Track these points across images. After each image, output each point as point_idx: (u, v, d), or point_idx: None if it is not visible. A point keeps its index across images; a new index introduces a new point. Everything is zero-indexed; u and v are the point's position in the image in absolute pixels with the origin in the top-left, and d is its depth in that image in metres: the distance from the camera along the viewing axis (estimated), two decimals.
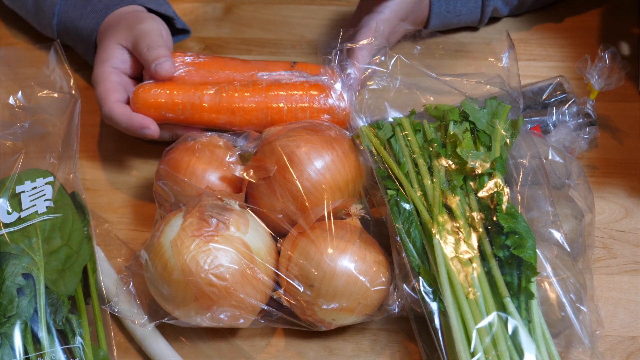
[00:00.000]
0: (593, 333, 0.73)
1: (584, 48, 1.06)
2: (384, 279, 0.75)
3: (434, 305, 0.71)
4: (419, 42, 0.89)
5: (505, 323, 0.69)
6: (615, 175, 0.92)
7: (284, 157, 0.78)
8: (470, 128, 0.80)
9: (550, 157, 0.82)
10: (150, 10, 1.01)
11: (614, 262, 0.84)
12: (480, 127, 0.80)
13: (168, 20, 1.02)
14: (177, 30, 1.05)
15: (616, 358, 0.76)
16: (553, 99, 0.92)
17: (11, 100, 0.95)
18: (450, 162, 0.77)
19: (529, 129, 0.89)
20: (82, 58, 1.03)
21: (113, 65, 0.93)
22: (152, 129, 0.89)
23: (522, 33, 1.09)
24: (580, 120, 0.90)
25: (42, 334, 0.74)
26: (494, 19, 1.09)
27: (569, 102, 0.90)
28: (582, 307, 0.72)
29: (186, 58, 0.94)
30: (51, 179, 0.84)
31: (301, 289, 0.74)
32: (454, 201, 0.75)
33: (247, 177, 0.81)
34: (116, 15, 0.99)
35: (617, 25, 1.09)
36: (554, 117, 0.90)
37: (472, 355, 0.68)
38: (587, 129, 0.88)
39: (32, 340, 0.73)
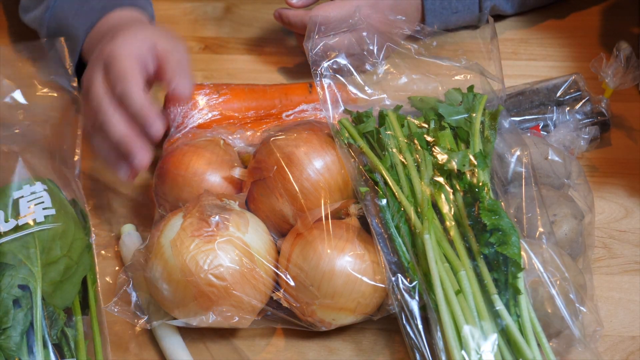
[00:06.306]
0: (593, 333, 0.73)
1: (584, 48, 1.05)
2: (383, 278, 0.75)
3: (413, 304, 0.71)
4: (417, 41, 0.89)
5: (494, 319, 0.69)
6: (615, 175, 0.92)
7: (284, 157, 0.78)
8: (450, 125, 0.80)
9: (550, 157, 0.82)
10: None
11: (614, 262, 0.84)
12: (456, 125, 0.79)
13: None
14: None
15: (616, 358, 0.76)
16: (567, 97, 0.92)
17: (10, 100, 0.95)
18: (434, 158, 0.77)
19: (530, 129, 0.89)
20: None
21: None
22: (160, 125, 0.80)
23: (522, 32, 1.09)
24: (594, 119, 0.90)
25: (38, 348, 0.72)
26: (496, 19, 1.09)
27: (584, 100, 0.90)
28: (581, 307, 0.72)
29: (209, 102, 0.93)
30: (50, 184, 0.83)
31: (301, 289, 0.74)
32: (440, 198, 0.74)
33: (246, 179, 0.81)
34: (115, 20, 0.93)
35: (617, 25, 1.09)
36: (555, 116, 0.90)
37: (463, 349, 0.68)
38: (587, 129, 0.88)
39: (27, 353, 0.72)
